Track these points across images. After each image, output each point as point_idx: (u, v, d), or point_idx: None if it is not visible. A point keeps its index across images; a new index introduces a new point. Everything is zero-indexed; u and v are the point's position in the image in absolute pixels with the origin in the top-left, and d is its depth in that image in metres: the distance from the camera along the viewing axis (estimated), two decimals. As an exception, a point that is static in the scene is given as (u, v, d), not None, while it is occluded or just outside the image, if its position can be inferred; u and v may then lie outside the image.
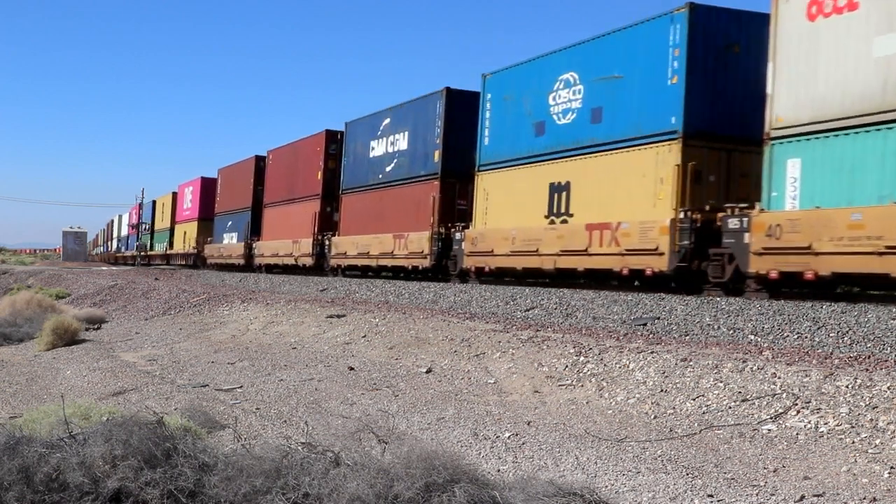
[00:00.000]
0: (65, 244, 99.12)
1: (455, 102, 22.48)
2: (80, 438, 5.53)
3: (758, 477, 6.02)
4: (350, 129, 28.57)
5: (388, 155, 25.43)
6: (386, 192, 25.42)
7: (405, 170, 24.35)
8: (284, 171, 33.59)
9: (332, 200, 29.32)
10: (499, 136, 20.34)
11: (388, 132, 25.71)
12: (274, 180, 34.92)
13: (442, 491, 4.71)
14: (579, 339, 10.50)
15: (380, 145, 26.08)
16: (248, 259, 36.80)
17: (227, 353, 14.01)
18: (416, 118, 24.07)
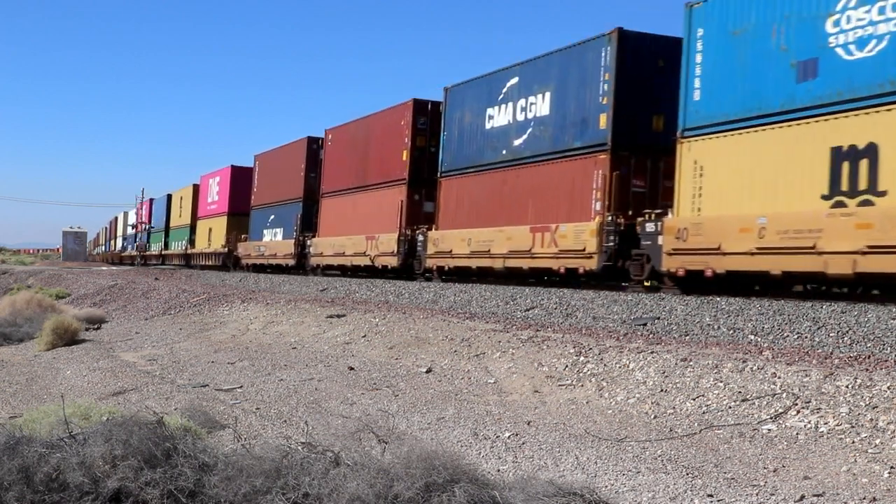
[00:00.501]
0: (65, 244, 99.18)
1: (629, 50, 17.05)
2: (80, 438, 5.53)
3: (758, 477, 6.02)
4: (453, 97, 22.76)
5: (518, 125, 19.70)
6: (513, 173, 19.80)
7: (547, 142, 18.86)
8: (351, 153, 28.08)
9: (422, 186, 23.99)
10: (720, 87, 14.51)
11: (515, 95, 20.02)
12: (336, 165, 29.32)
13: (442, 491, 4.71)
14: (579, 338, 10.51)
15: (502, 113, 20.38)
16: (299, 259, 31.36)
17: (227, 352, 14.01)
18: (564, 73, 18.47)
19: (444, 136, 22.90)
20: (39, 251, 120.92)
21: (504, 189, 20.09)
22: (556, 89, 18.64)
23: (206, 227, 45.51)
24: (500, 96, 20.59)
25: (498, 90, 20.69)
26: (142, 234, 67.89)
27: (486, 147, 21.01)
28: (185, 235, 50.52)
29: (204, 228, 45.84)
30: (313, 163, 31.54)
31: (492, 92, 20.93)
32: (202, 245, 45.79)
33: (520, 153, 19.64)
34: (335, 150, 29.69)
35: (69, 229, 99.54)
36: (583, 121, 17.73)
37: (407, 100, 24.63)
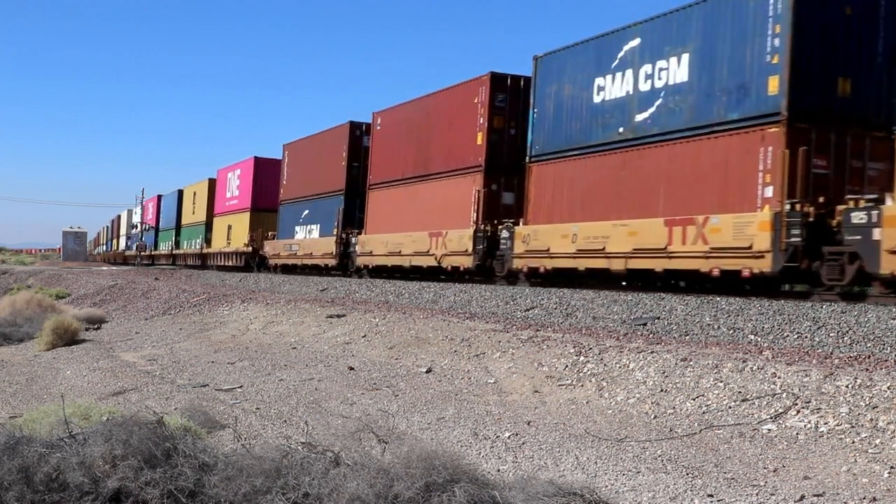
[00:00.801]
0: (65, 244, 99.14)
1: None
2: (80, 438, 5.53)
3: (758, 477, 6.02)
4: (546, 67, 19.11)
5: (641, 96, 16.24)
6: (635, 155, 16.25)
7: (685, 116, 15.38)
8: (407, 139, 24.58)
9: (502, 174, 20.61)
10: None
11: (636, 60, 16.49)
12: (387, 152, 25.76)
13: (442, 491, 4.71)
14: (579, 338, 10.50)
15: (617, 82, 16.91)
16: (342, 258, 27.86)
17: (227, 352, 14.01)
18: (710, 29, 15.07)
19: (533, 114, 19.22)
20: (39, 251, 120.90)
21: (622, 174, 16.47)
22: (699, 49, 15.15)
23: (224, 224, 41.73)
24: (613, 63, 17.02)
25: (611, 55, 17.11)
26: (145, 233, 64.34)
27: (593, 125, 17.46)
28: (199, 234, 46.47)
29: (222, 226, 42.09)
30: (356, 151, 28.03)
31: (601, 58, 17.36)
32: (220, 244, 41.96)
33: (645, 130, 16.06)
34: (386, 136, 26.01)
35: (69, 229, 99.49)
36: (741, 87, 14.31)
37: (482, 74, 20.97)
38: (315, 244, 30.31)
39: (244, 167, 39.60)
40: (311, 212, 31.20)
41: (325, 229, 29.58)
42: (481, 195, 20.56)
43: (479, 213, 20.54)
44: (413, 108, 24.71)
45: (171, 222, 54.39)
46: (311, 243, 30.77)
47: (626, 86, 16.75)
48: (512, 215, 20.03)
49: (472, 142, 21.11)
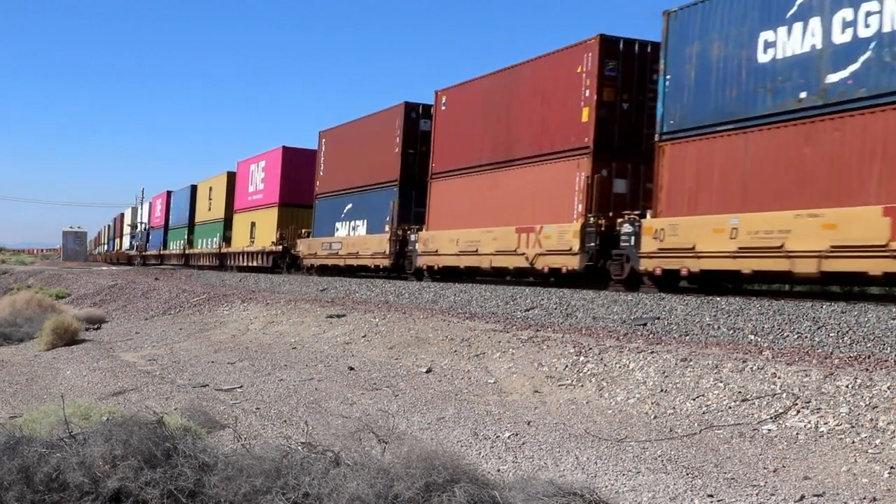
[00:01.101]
0: (65, 244, 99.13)
1: None
2: (80, 438, 5.53)
3: (758, 477, 6.02)
4: (684, 23, 15.61)
5: (836, 50, 12.74)
6: (828, 126, 12.85)
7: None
8: (483, 119, 20.85)
9: (612, 157, 17.22)
10: None
11: (825, 4, 13.00)
12: (455, 136, 22.04)
13: (442, 491, 4.71)
14: (579, 338, 10.51)
15: (795, 36, 13.41)
16: (397, 258, 24.43)
17: (227, 352, 14.02)
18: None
19: (665, 81, 15.83)
20: (39, 251, 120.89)
21: (805, 152, 13.24)
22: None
23: (246, 221, 37.97)
24: (789, 11, 13.59)
25: (784, 1, 13.76)
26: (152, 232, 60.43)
27: (756, 91, 14.13)
28: (216, 232, 42.57)
29: (244, 223, 38.27)
30: (412, 136, 24.64)
31: (769, 6, 14.02)
32: (241, 243, 38.18)
33: (845, 93, 12.68)
34: (453, 117, 22.26)
35: (69, 229, 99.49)
36: None
37: (587, 39, 17.59)
38: (362, 243, 26.55)
39: (270, 158, 35.72)
40: (355, 206, 27.57)
41: (375, 225, 25.89)
42: (590, 182, 16.93)
43: (587, 203, 16.97)
44: (490, 83, 20.63)
45: (182, 220, 50.45)
46: (356, 242, 27.02)
47: (810, 38, 13.27)
48: (624, 206, 16.89)
49: (574, 119, 17.50)
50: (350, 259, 27.51)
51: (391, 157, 25.20)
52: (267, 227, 35.10)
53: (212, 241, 43.56)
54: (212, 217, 44.20)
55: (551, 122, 18.43)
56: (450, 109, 22.63)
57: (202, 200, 46.75)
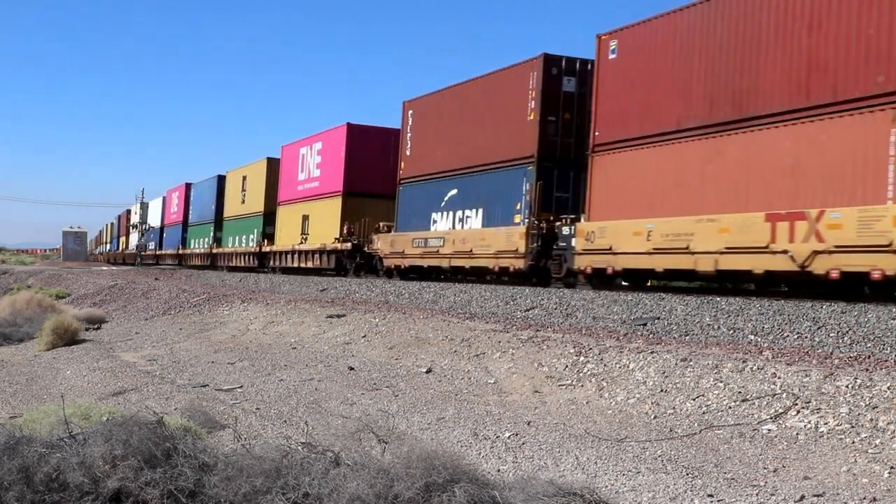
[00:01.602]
0: (65, 244, 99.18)
1: None
2: (80, 438, 5.53)
3: (758, 477, 6.02)
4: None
5: None
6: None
7: None
8: (682, 66, 15.34)
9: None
10: None
11: None
12: (636, 92, 16.45)
13: (442, 491, 4.71)
14: (579, 339, 10.51)
15: None
16: (538, 258, 18.62)
17: (227, 353, 14.02)
18: None
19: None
20: (39, 251, 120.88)
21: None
22: None
23: (295, 214, 32.43)
24: None
25: None
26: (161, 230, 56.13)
27: None
28: (252, 228, 37.15)
29: (292, 217, 32.75)
30: (553, 100, 19.10)
31: None
32: (289, 240, 32.77)
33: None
34: (626, 69, 16.76)
35: (69, 229, 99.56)
36: None
37: None
38: (477, 238, 20.54)
39: (330, 139, 29.96)
40: (463, 192, 21.70)
41: (496, 215, 20.18)
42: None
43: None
44: (691, 15, 15.30)
45: (206, 215, 44.77)
46: (469, 237, 20.92)
47: None
48: None
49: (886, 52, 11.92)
50: (459, 259, 21.44)
51: (523, 126, 19.27)
52: (327, 220, 29.31)
53: (247, 238, 37.80)
54: (247, 211, 38.44)
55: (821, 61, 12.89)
56: (621, 59, 16.85)
57: (233, 192, 40.79)
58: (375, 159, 27.94)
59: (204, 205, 46.07)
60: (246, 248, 38.06)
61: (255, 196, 37.85)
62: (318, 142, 31.27)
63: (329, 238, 29.04)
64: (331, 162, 29.85)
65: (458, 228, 21.92)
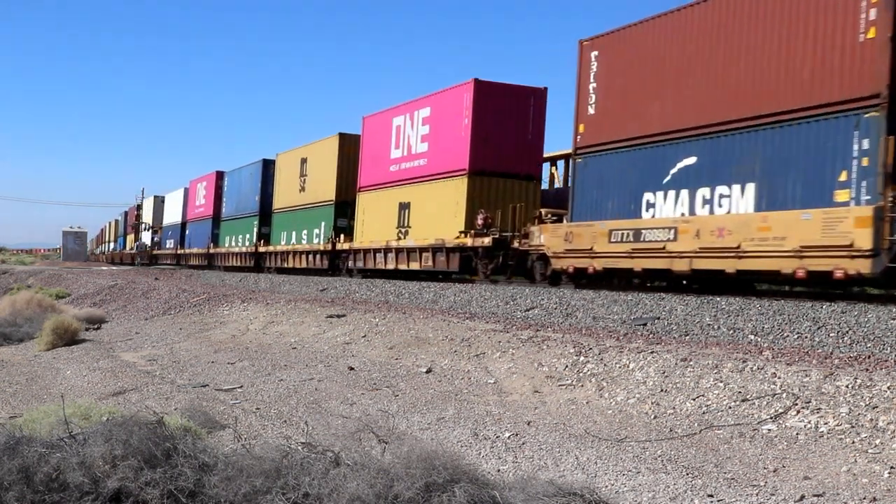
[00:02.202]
0: (65, 244, 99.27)
1: None
2: (80, 438, 5.53)
3: (758, 477, 6.02)
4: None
5: None
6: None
7: None
8: None
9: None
10: None
11: None
12: None
13: (442, 491, 4.71)
14: (579, 339, 10.51)
15: None
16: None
17: (227, 353, 14.02)
18: None
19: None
20: (43, 251, 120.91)
21: None
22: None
23: (387, 202, 25.32)
24: None
25: None
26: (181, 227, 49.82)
27: None
28: (318, 220, 29.91)
29: (382, 205, 25.61)
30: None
31: None
32: (379, 235, 25.31)
33: None
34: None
35: (69, 229, 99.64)
36: None
37: None
38: (752, 227, 13.50)
39: (444, 102, 22.71)
40: (708, 159, 14.73)
41: (788, 193, 13.21)
42: None
43: None
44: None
45: (246, 207, 38.19)
46: (728, 225, 13.92)
47: None
48: None
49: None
50: (708, 258, 14.32)
51: (850, 50, 12.38)
52: (442, 209, 22.30)
53: (309, 234, 30.78)
54: (308, 201, 31.19)
55: None
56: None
57: (287, 179, 33.56)
58: (508, 128, 21.66)
59: (243, 195, 38.89)
60: (308, 245, 30.75)
61: (321, 182, 30.12)
62: (423, 107, 23.79)
63: (447, 231, 21.81)
64: (446, 132, 22.48)
65: (701, 213, 14.67)
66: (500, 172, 21.63)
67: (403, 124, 25.04)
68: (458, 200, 21.72)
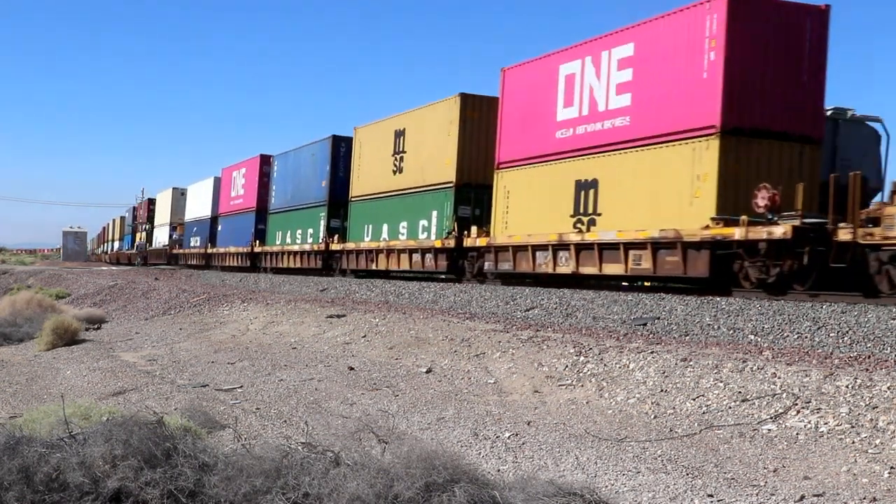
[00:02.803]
0: (65, 244, 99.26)
1: None
2: (80, 438, 5.53)
3: (758, 477, 6.02)
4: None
5: None
6: None
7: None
8: None
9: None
10: None
11: None
12: None
13: (442, 491, 4.71)
14: (579, 339, 10.51)
15: None
16: None
17: (227, 353, 14.02)
18: None
19: None
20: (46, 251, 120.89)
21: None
22: None
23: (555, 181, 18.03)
24: None
25: None
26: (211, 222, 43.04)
27: None
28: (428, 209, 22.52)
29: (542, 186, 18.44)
30: None
31: None
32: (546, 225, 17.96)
33: None
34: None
35: (69, 229, 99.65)
36: None
37: None
38: None
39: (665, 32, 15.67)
40: None
41: None
42: None
43: None
44: None
45: (308, 196, 30.54)
46: None
47: None
48: None
49: None
50: None
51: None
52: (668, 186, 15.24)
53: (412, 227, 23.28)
54: (410, 184, 23.60)
55: None
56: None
57: (372, 158, 26.14)
58: (776, 66, 14.76)
59: (303, 182, 31.31)
60: (412, 241, 23.07)
61: (429, 159, 22.69)
62: (619, 45, 16.69)
63: (676, 219, 14.85)
64: (669, 76, 15.49)
65: None
66: (765, 131, 14.61)
67: (580, 72, 17.56)
68: (702, 172, 14.59)
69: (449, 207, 21.77)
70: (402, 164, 24.38)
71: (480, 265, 20.77)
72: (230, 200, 40.64)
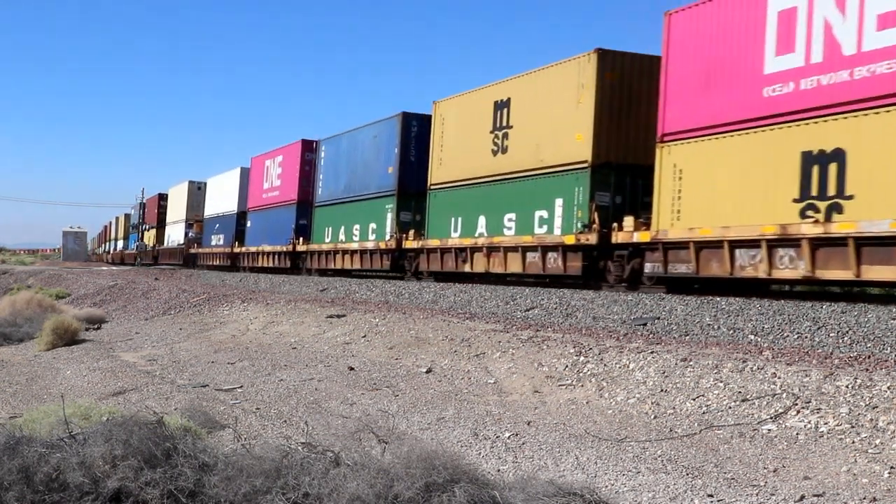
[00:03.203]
0: (65, 244, 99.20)
1: None
2: (80, 438, 5.53)
3: (758, 477, 6.02)
4: None
5: None
6: None
7: None
8: None
9: None
10: None
11: None
12: None
13: (442, 491, 4.71)
14: (579, 338, 10.51)
15: None
16: None
17: (227, 353, 14.01)
18: None
19: None
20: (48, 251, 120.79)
21: None
22: None
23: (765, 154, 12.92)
24: None
25: None
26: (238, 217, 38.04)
27: None
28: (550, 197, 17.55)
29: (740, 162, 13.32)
30: None
31: None
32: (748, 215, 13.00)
33: None
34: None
35: (69, 229, 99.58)
36: None
37: None
38: None
39: None
40: None
41: None
42: None
43: None
44: None
45: (369, 186, 25.44)
46: None
47: None
48: None
49: None
50: None
51: None
52: None
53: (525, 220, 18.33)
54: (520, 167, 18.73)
55: None
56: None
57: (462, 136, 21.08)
58: None
59: (361, 168, 26.30)
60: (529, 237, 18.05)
61: (552, 134, 17.70)
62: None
63: None
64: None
65: None
66: None
67: (807, 4, 12.56)
68: None
69: (583, 194, 16.82)
70: (505, 143, 19.42)
71: (635, 266, 15.55)
72: (262, 193, 35.00)
